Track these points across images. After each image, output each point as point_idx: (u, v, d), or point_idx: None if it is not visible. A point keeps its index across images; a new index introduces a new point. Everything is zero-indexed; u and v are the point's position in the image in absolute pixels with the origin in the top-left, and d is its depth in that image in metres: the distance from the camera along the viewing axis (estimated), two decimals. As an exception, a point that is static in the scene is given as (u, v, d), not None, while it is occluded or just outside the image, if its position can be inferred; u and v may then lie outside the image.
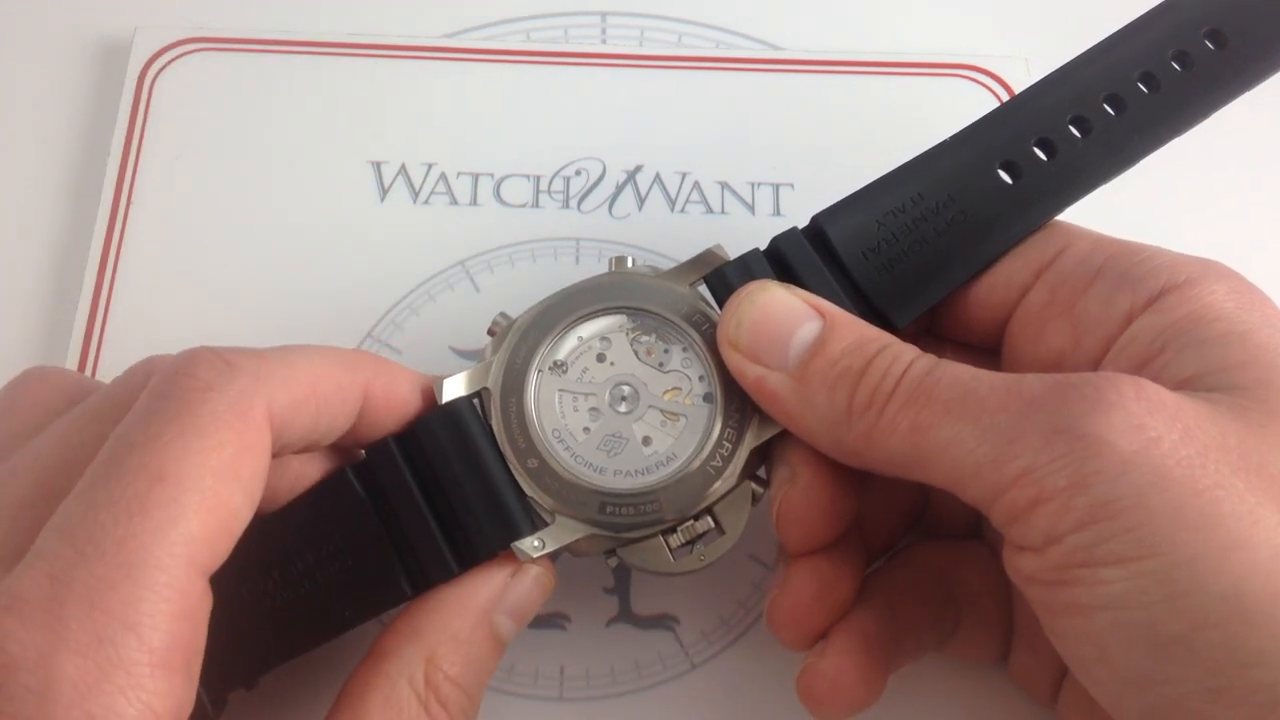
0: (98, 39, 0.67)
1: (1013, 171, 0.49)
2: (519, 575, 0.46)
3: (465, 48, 0.67)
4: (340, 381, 0.45)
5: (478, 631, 0.45)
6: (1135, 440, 0.38)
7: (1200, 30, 0.50)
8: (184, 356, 0.43)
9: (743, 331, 0.46)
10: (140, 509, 0.39)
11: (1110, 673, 0.39)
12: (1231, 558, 0.36)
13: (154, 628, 0.38)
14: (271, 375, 0.43)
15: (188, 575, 0.39)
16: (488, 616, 0.46)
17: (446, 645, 0.45)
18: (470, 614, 0.45)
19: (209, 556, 0.40)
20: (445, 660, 0.44)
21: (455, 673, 0.44)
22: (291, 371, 0.44)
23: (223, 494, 0.40)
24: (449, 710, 0.44)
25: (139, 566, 0.38)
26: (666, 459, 0.47)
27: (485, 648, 0.45)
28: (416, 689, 0.44)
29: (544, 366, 0.48)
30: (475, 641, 0.45)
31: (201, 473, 0.40)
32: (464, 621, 0.45)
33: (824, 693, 0.46)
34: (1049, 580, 0.39)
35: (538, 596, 0.47)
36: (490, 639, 0.46)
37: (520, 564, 0.46)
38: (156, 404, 0.41)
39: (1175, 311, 0.43)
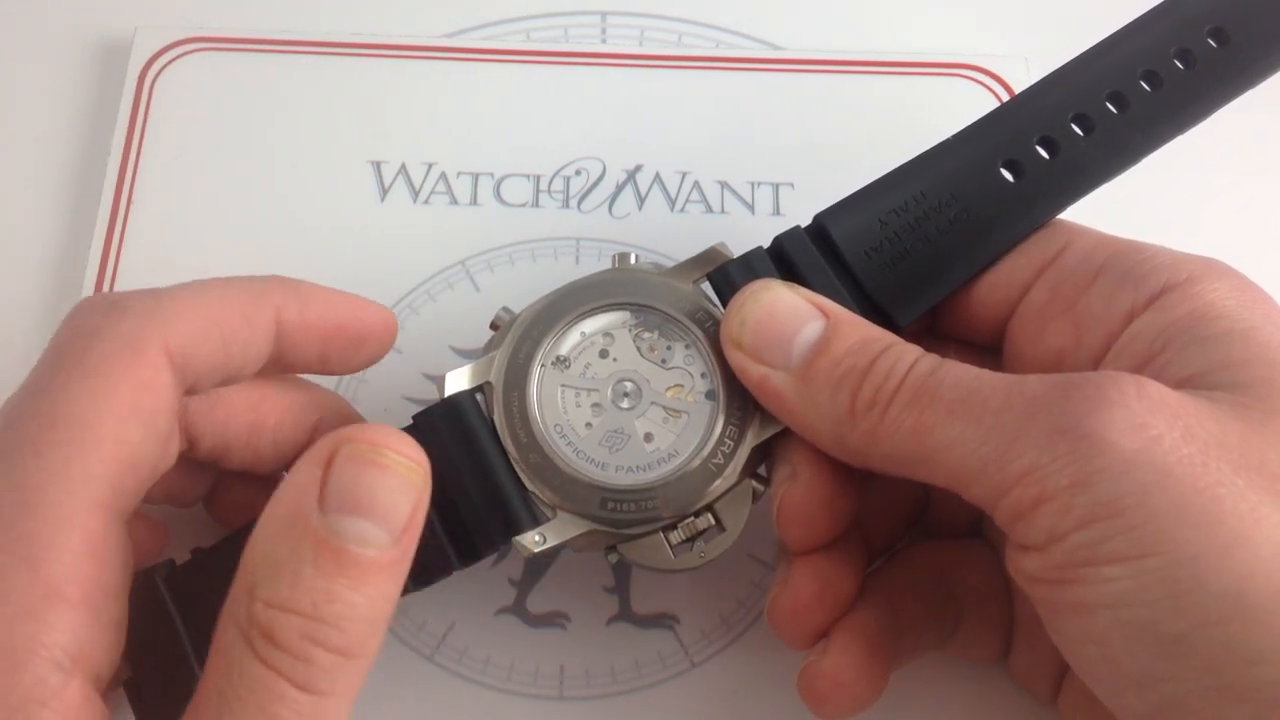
0: (98, 39, 0.67)
1: (1015, 170, 0.49)
2: (338, 462, 0.38)
3: (465, 48, 0.67)
4: (246, 311, 0.45)
5: (304, 545, 0.37)
6: (1137, 439, 0.38)
7: (1203, 28, 0.50)
8: (76, 306, 0.44)
9: (746, 330, 0.46)
10: (34, 451, 0.39)
11: (1112, 671, 0.39)
12: (1233, 556, 0.37)
13: (50, 561, 0.37)
14: (164, 311, 0.43)
15: (89, 513, 0.39)
16: (309, 523, 0.37)
17: (263, 571, 0.37)
18: (283, 527, 0.38)
19: (112, 495, 0.40)
20: (264, 588, 0.37)
21: (282, 597, 0.37)
22: (187, 305, 0.43)
23: (121, 432, 0.40)
24: (282, 641, 0.37)
25: (34, 505, 0.38)
26: (668, 456, 0.47)
27: (329, 564, 0.37)
28: (242, 629, 0.37)
29: (547, 362, 0.48)
30: (308, 558, 0.37)
31: (97, 412, 0.40)
32: (279, 540, 0.38)
33: (825, 691, 0.46)
34: (1051, 579, 0.39)
35: (382, 478, 0.38)
36: (331, 553, 0.37)
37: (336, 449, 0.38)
38: (50, 355, 0.42)
39: (1176, 310, 0.43)
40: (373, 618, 0.38)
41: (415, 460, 0.39)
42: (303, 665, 0.37)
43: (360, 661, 0.38)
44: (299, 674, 0.37)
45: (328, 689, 0.37)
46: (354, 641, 0.38)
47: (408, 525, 0.39)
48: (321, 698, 0.37)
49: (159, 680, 0.45)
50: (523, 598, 0.54)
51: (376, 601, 0.38)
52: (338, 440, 0.38)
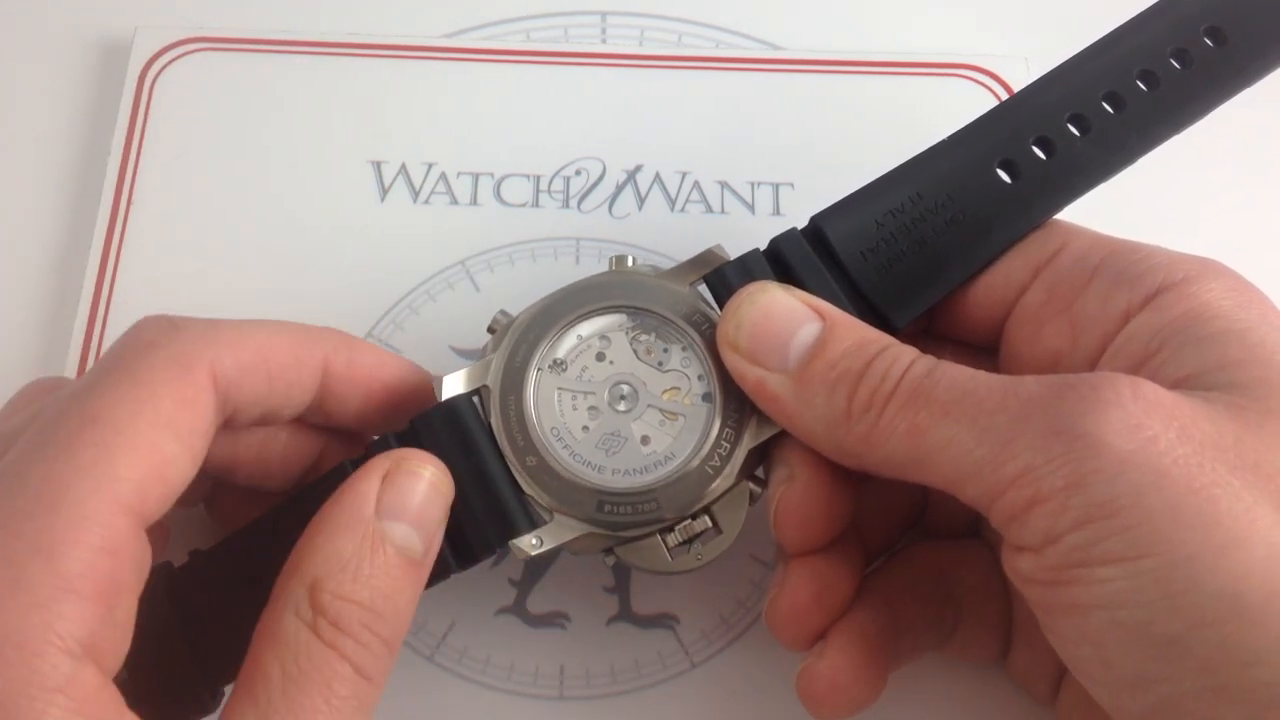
0: (98, 39, 0.67)
1: (1011, 171, 0.49)
2: (393, 475, 0.43)
3: (465, 48, 0.67)
4: (296, 351, 0.46)
5: (365, 545, 0.42)
6: (1132, 440, 0.38)
7: (1200, 28, 0.50)
8: (138, 322, 0.45)
9: (742, 333, 0.46)
10: (68, 448, 0.40)
11: (1108, 672, 0.39)
12: (1228, 556, 0.36)
13: (66, 555, 0.38)
14: (218, 337, 0.44)
15: (111, 512, 0.39)
16: (370, 526, 0.42)
17: (330, 566, 0.41)
18: (348, 529, 0.42)
19: (138, 499, 0.40)
20: (331, 581, 0.41)
21: (346, 590, 0.41)
22: (240, 336, 0.45)
23: (155, 441, 0.41)
24: (345, 627, 0.41)
25: (58, 499, 0.39)
26: (665, 458, 0.47)
27: (383, 561, 0.42)
28: (304, 618, 0.41)
29: (543, 365, 0.48)
30: (366, 556, 0.42)
31: (134, 418, 0.41)
32: (344, 539, 0.42)
33: (823, 692, 0.46)
34: (1047, 580, 0.39)
35: (426, 493, 0.44)
36: (387, 550, 0.42)
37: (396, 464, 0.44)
38: (104, 360, 0.43)
39: (1172, 310, 0.43)
40: (405, 620, 0.43)
41: (446, 477, 0.45)
42: (362, 650, 0.41)
43: (393, 660, 0.42)
44: (359, 657, 0.41)
45: (375, 676, 0.41)
46: (396, 634, 0.42)
47: (434, 536, 0.44)
48: (369, 684, 0.41)
49: (158, 682, 0.45)
50: (523, 598, 0.54)
51: (409, 605, 0.43)
52: (394, 458, 0.44)
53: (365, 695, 0.41)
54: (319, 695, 0.40)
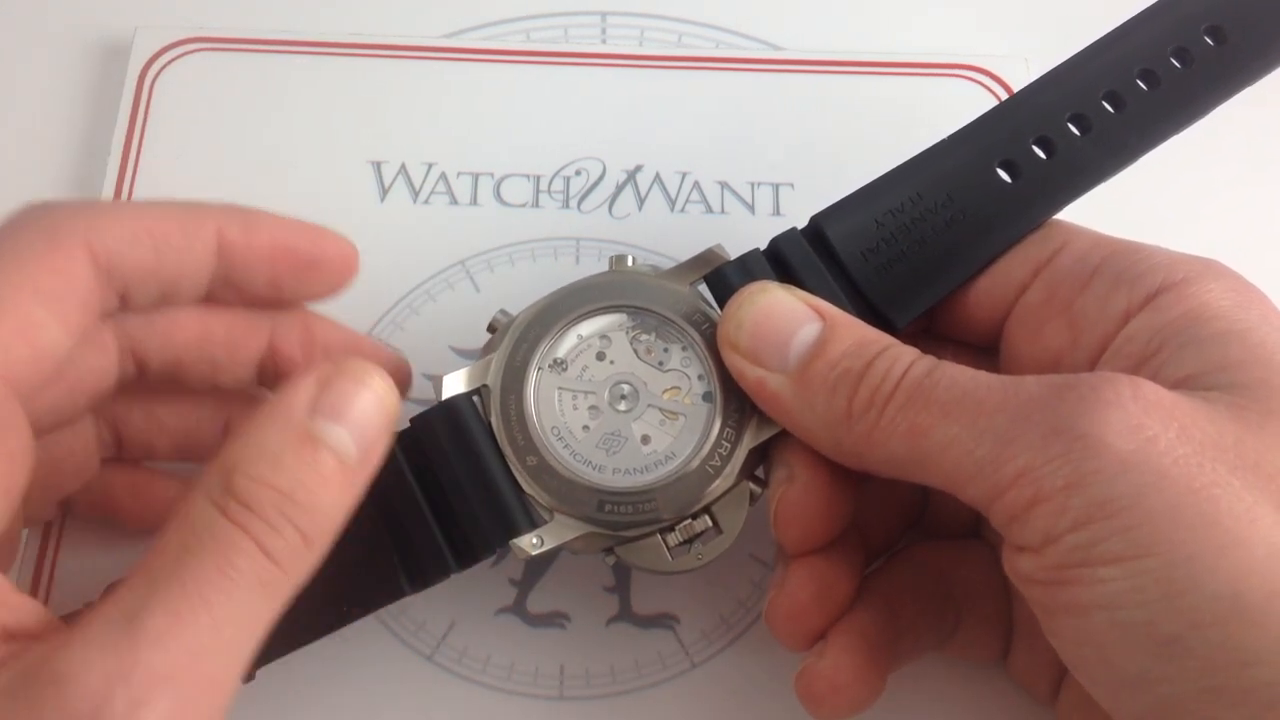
0: (98, 39, 0.67)
1: (1012, 170, 0.49)
2: (331, 378, 0.41)
3: (465, 48, 0.67)
4: (183, 223, 0.46)
5: (291, 438, 0.40)
6: (1132, 440, 0.38)
7: (1200, 26, 0.50)
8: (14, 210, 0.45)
9: (743, 333, 0.46)
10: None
11: (1108, 672, 0.39)
12: (1228, 556, 0.37)
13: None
14: (92, 211, 0.45)
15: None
16: (299, 423, 0.40)
17: (249, 453, 0.39)
18: (274, 423, 0.40)
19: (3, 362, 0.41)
20: (248, 465, 0.39)
21: (263, 475, 0.39)
22: (118, 210, 0.46)
23: (22, 305, 0.41)
24: (256, 508, 0.39)
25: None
26: (665, 458, 0.47)
27: (310, 456, 0.40)
28: (213, 498, 0.39)
29: (544, 364, 0.48)
30: (291, 448, 0.40)
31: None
32: (269, 431, 0.40)
33: (822, 693, 0.46)
34: (1047, 580, 0.39)
35: (367, 401, 0.41)
36: (315, 447, 0.40)
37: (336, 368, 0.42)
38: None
39: (1172, 310, 0.43)
40: (330, 521, 0.41)
41: (393, 393, 0.42)
42: (272, 533, 0.39)
43: (312, 556, 0.40)
44: (266, 539, 0.38)
45: (285, 565, 0.39)
46: (314, 533, 0.40)
47: (373, 447, 0.42)
48: (277, 569, 0.39)
49: None
50: (523, 598, 0.54)
51: (335, 508, 0.41)
52: (338, 362, 0.42)
53: (271, 579, 0.39)
54: (213, 565, 0.38)
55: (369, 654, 0.53)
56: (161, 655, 0.36)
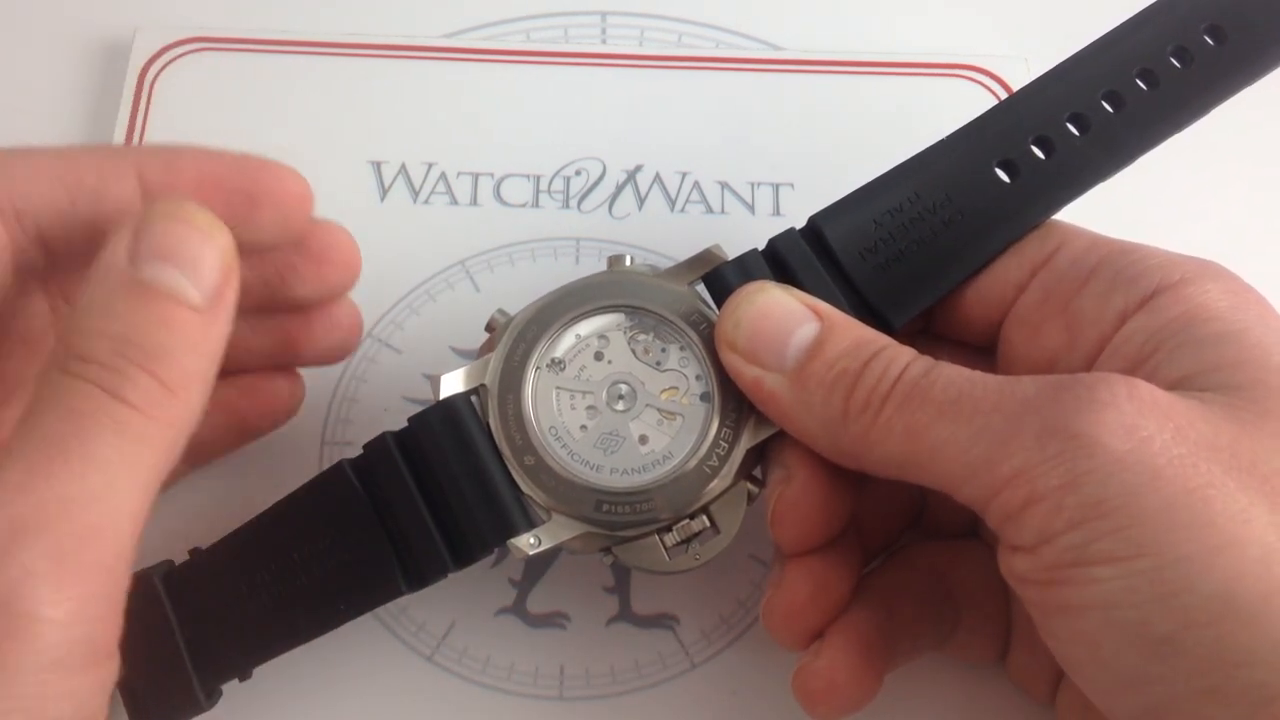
0: (98, 39, 0.67)
1: (1010, 170, 0.49)
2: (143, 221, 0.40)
3: (465, 48, 0.67)
4: (99, 165, 0.45)
5: (116, 288, 0.39)
6: (1127, 440, 0.38)
7: (1200, 26, 0.50)
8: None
9: (740, 332, 0.46)
10: None
11: (1103, 672, 0.39)
12: (1222, 557, 0.37)
13: None
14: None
15: None
16: (121, 273, 0.39)
17: (79, 314, 0.39)
18: (97, 278, 0.40)
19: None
20: (79, 322, 0.39)
21: (94, 326, 0.39)
22: (26, 156, 0.45)
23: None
24: (94, 358, 0.38)
25: None
26: (663, 458, 0.47)
27: (143, 299, 0.39)
28: (56, 364, 0.39)
29: (542, 364, 0.48)
30: (119, 296, 0.39)
31: None
32: (94, 289, 0.39)
33: (819, 692, 0.46)
34: (1042, 580, 0.40)
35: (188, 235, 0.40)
36: (145, 290, 0.39)
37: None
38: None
39: (1169, 311, 0.43)
40: (190, 365, 0.40)
41: (217, 224, 0.41)
42: (116, 375, 0.38)
43: (180, 402, 0.39)
44: (110, 381, 0.38)
45: (141, 405, 0.38)
46: (172, 377, 0.39)
47: (220, 286, 0.41)
48: (137, 413, 0.38)
49: (154, 680, 0.45)
50: (523, 598, 0.54)
51: (191, 350, 0.40)
52: (149, 204, 0.41)
53: (132, 422, 0.38)
54: (62, 417, 0.38)
55: (369, 654, 0.53)
56: (21, 503, 0.36)
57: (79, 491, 0.37)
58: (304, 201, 0.48)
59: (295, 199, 0.47)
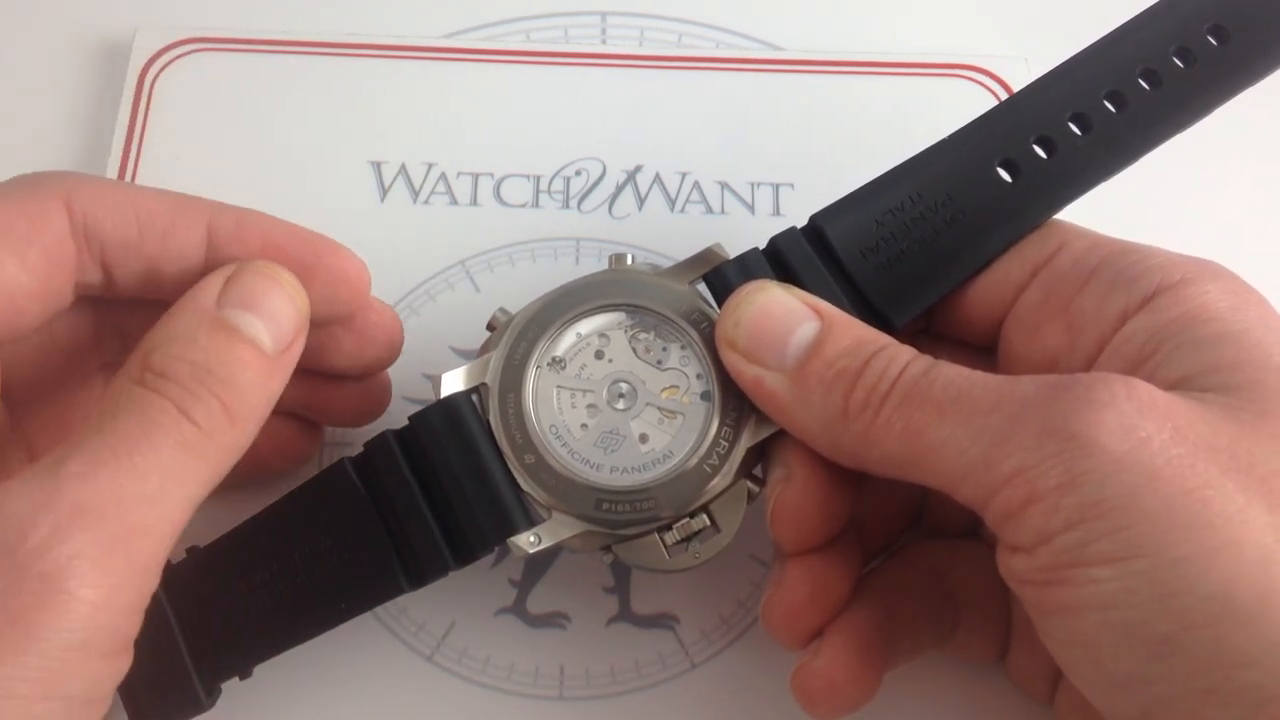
0: (98, 39, 0.67)
1: (1012, 170, 0.49)
2: (237, 273, 0.45)
3: (465, 48, 0.67)
4: (172, 205, 0.47)
5: (202, 323, 0.43)
6: (1126, 440, 0.38)
7: (1203, 26, 0.50)
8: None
9: (741, 331, 0.46)
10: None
11: (1101, 673, 0.39)
12: (1220, 558, 0.37)
13: None
14: (79, 177, 0.46)
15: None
16: (209, 312, 0.43)
17: (162, 337, 0.43)
18: (184, 312, 0.44)
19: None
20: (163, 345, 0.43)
21: (177, 351, 0.42)
22: (108, 182, 0.47)
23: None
24: (172, 376, 0.42)
25: None
26: (663, 456, 0.47)
27: (223, 338, 0.43)
28: (132, 376, 0.42)
29: (542, 363, 0.49)
30: (203, 331, 0.43)
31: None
32: (180, 319, 0.43)
33: (818, 691, 0.46)
34: (1040, 580, 0.40)
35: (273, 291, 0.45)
36: (227, 331, 0.43)
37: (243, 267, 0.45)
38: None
39: (1169, 312, 0.43)
40: (252, 400, 0.43)
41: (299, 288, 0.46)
42: (189, 396, 0.42)
43: (238, 431, 0.43)
44: (184, 400, 0.41)
45: (207, 428, 0.42)
46: (236, 407, 0.43)
47: (291, 341, 0.45)
48: (199, 431, 0.42)
49: (153, 678, 0.45)
50: (523, 598, 0.54)
51: (256, 388, 0.43)
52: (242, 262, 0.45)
53: (194, 439, 0.41)
54: (132, 422, 0.41)
55: (369, 654, 0.53)
56: (83, 491, 0.39)
57: (136, 492, 0.40)
58: (358, 284, 0.49)
59: (349, 280, 0.49)
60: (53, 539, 0.37)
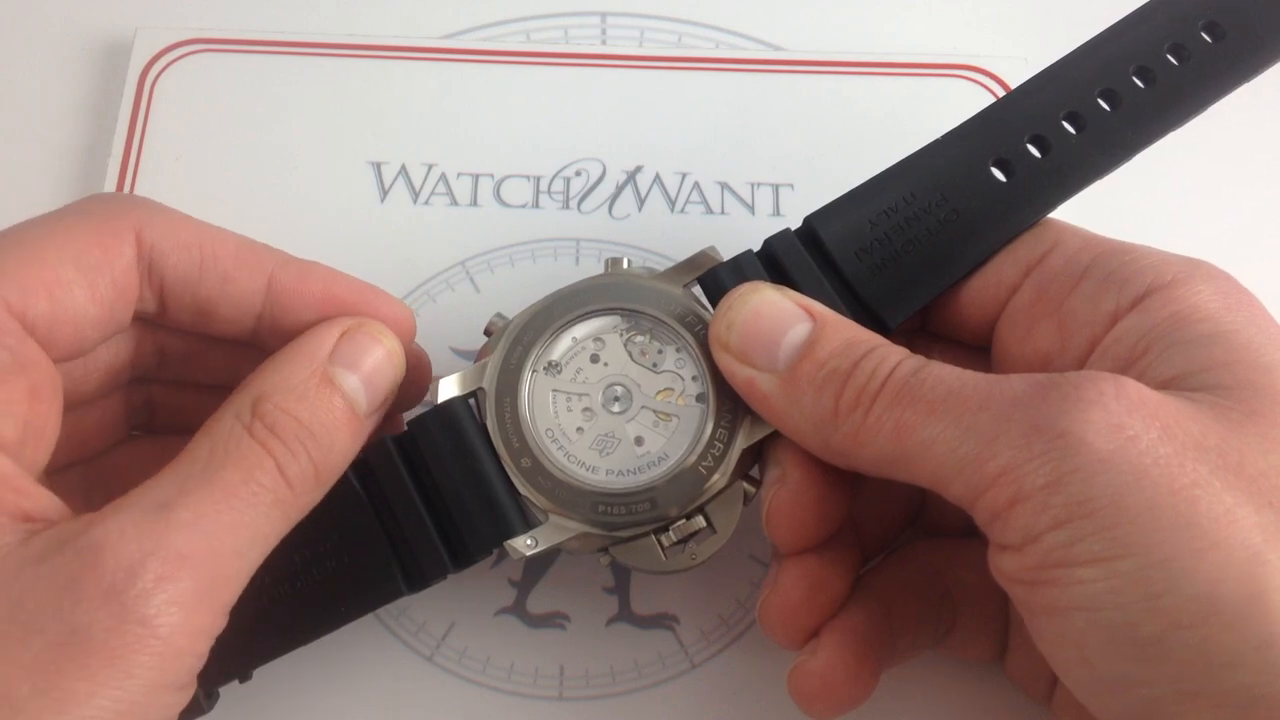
0: (98, 39, 0.67)
1: (1006, 169, 0.49)
2: (352, 331, 0.46)
3: (465, 48, 0.67)
4: (238, 247, 0.47)
5: (314, 378, 0.44)
6: (1113, 439, 0.38)
7: (1197, 22, 0.50)
8: None
9: (733, 333, 0.46)
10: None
11: (1089, 674, 0.39)
12: (1206, 558, 0.37)
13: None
14: (153, 206, 0.47)
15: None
16: (321, 365, 0.45)
17: (275, 384, 0.44)
18: (300, 361, 0.45)
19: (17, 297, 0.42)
20: (275, 395, 0.44)
21: (288, 405, 0.44)
22: (181, 216, 0.47)
23: (56, 263, 0.43)
24: (279, 432, 0.43)
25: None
26: (659, 459, 0.47)
27: (328, 397, 0.44)
28: (242, 419, 0.43)
29: (538, 367, 0.49)
30: (313, 387, 0.44)
31: (37, 241, 0.44)
32: (295, 368, 0.45)
33: (814, 691, 0.46)
34: (1029, 580, 0.40)
35: (380, 357, 0.46)
36: (333, 389, 0.45)
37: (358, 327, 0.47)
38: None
39: (1160, 312, 0.43)
40: (338, 461, 0.45)
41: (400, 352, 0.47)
42: (290, 457, 0.43)
43: (319, 489, 0.44)
44: (285, 460, 0.43)
45: (297, 488, 0.43)
46: (324, 467, 0.44)
47: (381, 400, 0.46)
48: (290, 492, 0.43)
49: None
50: (522, 598, 0.54)
51: (344, 449, 0.45)
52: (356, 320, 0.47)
53: (285, 498, 0.43)
54: (238, 476, 0.41)
55: (369, 655, 0.53)
56: (186, 541, 0.39)
57: (231, 545, 0.41)
58: (406, 335, 0.49)
59: (401, 331, 0.49)
60: (157, 587, 0.38)
